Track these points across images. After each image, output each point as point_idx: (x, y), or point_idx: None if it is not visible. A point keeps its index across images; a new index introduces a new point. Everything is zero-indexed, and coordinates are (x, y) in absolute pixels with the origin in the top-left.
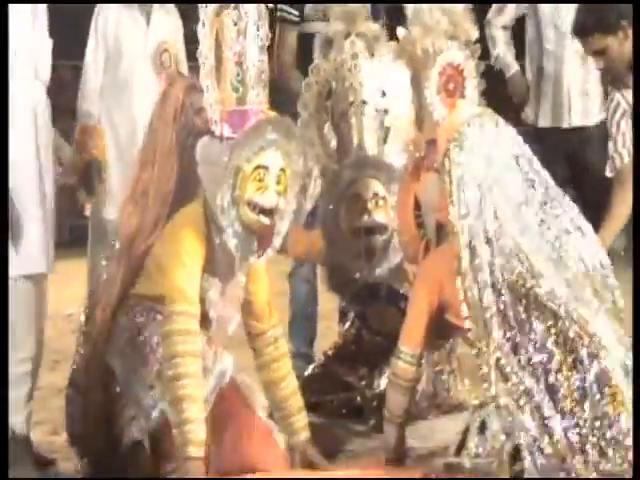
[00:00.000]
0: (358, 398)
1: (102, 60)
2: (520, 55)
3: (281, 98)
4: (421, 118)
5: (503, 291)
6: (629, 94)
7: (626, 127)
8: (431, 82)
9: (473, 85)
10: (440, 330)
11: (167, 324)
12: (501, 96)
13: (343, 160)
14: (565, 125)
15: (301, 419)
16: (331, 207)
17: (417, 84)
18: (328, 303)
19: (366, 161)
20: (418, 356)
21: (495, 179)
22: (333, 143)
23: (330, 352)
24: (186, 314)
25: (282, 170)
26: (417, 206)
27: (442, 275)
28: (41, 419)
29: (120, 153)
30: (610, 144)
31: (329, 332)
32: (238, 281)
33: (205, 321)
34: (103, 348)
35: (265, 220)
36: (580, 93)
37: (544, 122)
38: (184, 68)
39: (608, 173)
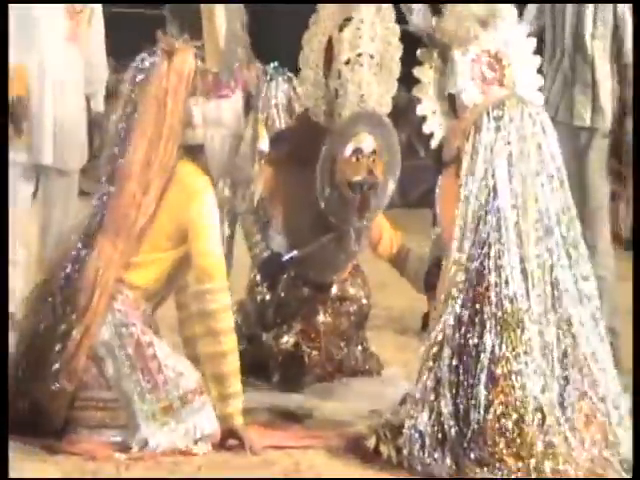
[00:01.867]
0: (264, 353)
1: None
2: None
3: None
4: (453, 106)
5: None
6: None
7: None
8: (462, 67)
9: (523, 71)
10: None
11: (208, 302)
12: None
13: (341, 112)
14: None
15: (234, 404)
16: (326, 155)
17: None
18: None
19: (365, 115)
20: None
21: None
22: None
23: (234, 307)
24: (223, 291)
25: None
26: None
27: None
28: None
29: (30, 95)
30: None
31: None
32: None
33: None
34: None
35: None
36: None
37: None
38: (99, 11)
39: None
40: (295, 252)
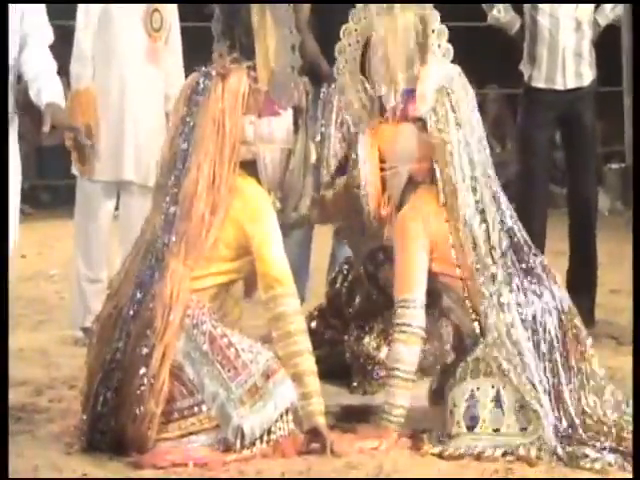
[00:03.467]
0: (346, 356)
1: (93, 22)
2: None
3: None
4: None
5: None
6: None
7: None
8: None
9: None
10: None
11: (279, 306)
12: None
13: None
14: (559, 87)
15: (315, 402)
16: None
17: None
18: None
19: None
20: (422, 301)
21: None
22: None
23: (315, 312)
24: (292, 295)
25: None
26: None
27: (428, 217)
28: (24, 379)
29: (110, 113)
30: None
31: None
32: None
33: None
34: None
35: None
36: (574, 54)
37: (538, 83)
38: (176, 29)
39: None
40: None
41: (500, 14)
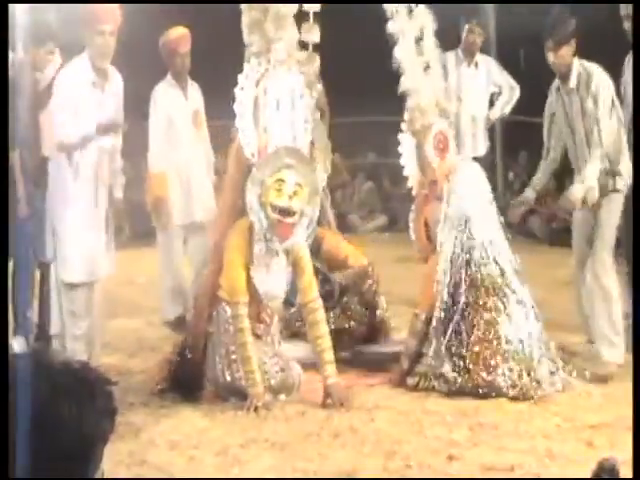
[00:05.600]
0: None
1: (162, 125)
2: None
3: None
4: (424, 167)
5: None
6: None
7: None
8: (430, 144)
9: (453, 144)
10: None
11: (233, 310)
12: None
13: None
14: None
15: (329, 368)
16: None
17: (420, 147)
18: None
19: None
20: (427, 318)
21: (479, 207)
22: None
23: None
24: (239, 303)
25: (299, 185)
26: (426, 225)
27: None
28: (123, 347)
29: (181, 179)
30: None
31: None
32: (280, 263)
33: (257, 295)
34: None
35: (281, 218)
36: (472, 141)
37: None
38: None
39: None
40: None
41: None
